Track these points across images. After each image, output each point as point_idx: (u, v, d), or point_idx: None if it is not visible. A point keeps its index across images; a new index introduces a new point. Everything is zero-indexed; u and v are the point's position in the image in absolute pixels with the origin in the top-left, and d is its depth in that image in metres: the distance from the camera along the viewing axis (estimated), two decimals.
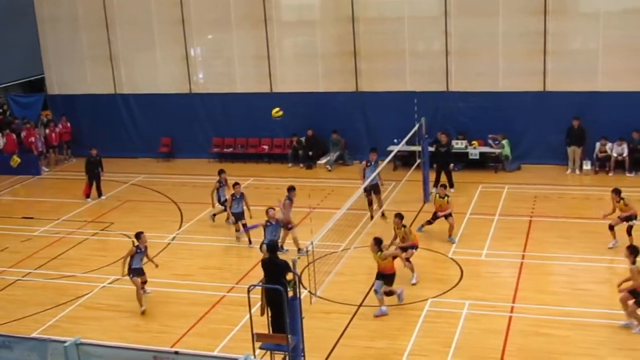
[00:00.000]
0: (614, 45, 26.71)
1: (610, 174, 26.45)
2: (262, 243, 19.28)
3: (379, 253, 16.97)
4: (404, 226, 18.85)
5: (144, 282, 18.13)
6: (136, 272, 17.77)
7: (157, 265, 18.41)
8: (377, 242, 16.98)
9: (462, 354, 15.09)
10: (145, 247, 18.04)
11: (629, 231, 19.46)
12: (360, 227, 20.06)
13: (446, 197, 21.12)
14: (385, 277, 17.04)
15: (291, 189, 21.09)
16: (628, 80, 26.54)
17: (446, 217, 21.01)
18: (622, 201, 19.72)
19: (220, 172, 23.53)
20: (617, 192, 19.87)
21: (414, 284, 18.18)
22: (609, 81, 26.79)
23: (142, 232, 18.11)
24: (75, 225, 23.88)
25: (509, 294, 17.58)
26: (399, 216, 18.87)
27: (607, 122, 26.58)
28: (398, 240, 18.92)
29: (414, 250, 18.75)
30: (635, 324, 15.52)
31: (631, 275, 15.51)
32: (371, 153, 22.78)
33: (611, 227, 19.79)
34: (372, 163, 22.39)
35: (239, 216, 21.50)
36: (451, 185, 24.91)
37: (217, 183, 23.21)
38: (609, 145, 26.63)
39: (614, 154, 26.48)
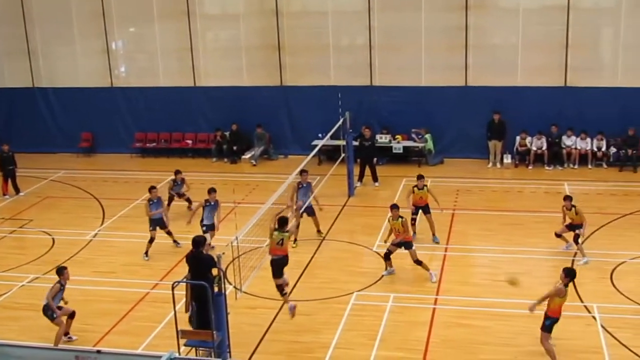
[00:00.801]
0: (533, 40, 27.33)
1: (530, 168, 27.06)
2: (202, 224, 19.64)
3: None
4: (401, 217, 18.09)
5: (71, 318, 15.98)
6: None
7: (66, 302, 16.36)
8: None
9: (387, 346, 15.22)
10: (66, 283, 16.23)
11: (575, 239, 18.99)
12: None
13: (425, 188, 20.33)
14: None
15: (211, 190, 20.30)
16: (547, 76, 27.20)
17: (425, 211, 20.28)
18: (573, 209, 19.00)
19: (177, 172, 23.17)
20: (569, 199, 19.25)
21: (434, 282, 18.01)
22: (529, 76, 27.40)
23: (65, 268, 15.99)
24: None
25: (432, 286, 17.80)
26: (396, 207, 18.30)
27: (526, 116, 27.21)
28: (393, 235, 18.29)
29: (414, 248, 18.20)
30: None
31: (550, 292, 14.36)
32: (302, 175, 20.74)
33: (558, 235, 19.38)
34: (304, 184, 20.85)
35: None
36: (375, 180, 25.14)
37: (171, 182, 22.74)
38: (528, 139, 27.23)
39: (534, 148, 27.09)
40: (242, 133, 29.51)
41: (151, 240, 20.05)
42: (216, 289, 13.36)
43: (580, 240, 18.91)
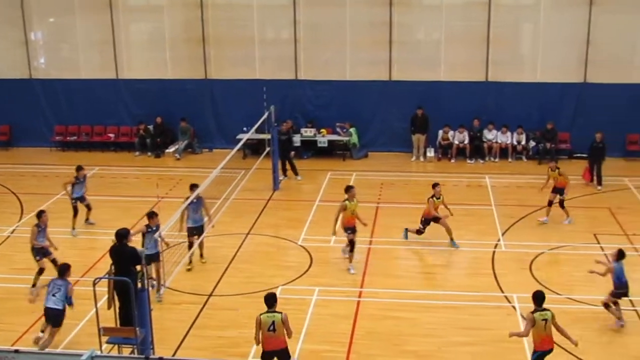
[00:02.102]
0: (455, 36, 27.79)
1: (453, 161, 27.50)
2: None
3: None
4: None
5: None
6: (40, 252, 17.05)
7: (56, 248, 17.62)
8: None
9: (312, 340, 15.26)
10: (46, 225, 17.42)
11: (561, 204, 20.95)
12: (211, 214, 19.90)
13: (442, 197, 19.69)
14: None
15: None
16: (469, 71, 27.71)
17: (436, 220, 19.57)
18: (557, 170, 20.92)
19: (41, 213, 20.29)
20: (555, 161, 21.52)
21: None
22: (451, 71, 27.88)
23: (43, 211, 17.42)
24: None
25: (357, 279, 17.92)
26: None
27: (449, 110, 27.67)
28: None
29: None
30: None
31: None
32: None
33: (550, 203, 21.00)
34: (195, 200, 17.67)
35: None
36: (295, 173, 25.20)
37: (74, 179, 21.95)
38: (451, 133, 27.65)
39: (456, 142, 27.54)
40: (166, 126, 29.19)
41: (40, 271, 17.48)
42: (139, 285, 13.18)
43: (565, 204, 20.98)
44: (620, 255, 15.60)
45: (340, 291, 17.41)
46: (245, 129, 26.52)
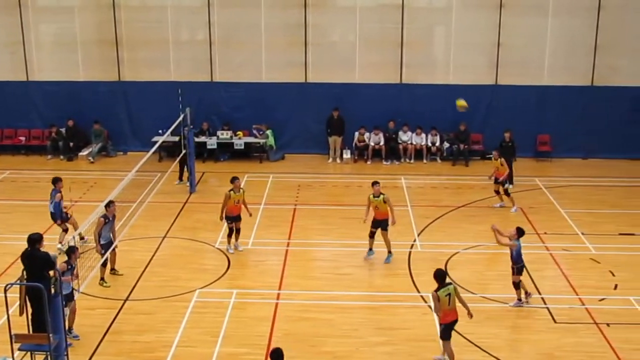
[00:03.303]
0: (370, 38, 28.10)
1: (369, 162, 27.78)
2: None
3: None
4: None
5: None
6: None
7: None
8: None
9: (231, 343, 15.21)
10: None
11: (506, 192, 22.58)
12: (124, 219, 19.62)
13: (382, 196, 18.68)
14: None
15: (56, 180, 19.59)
16: (383, 73, 28.06)
17: (383, 227, 18.82)
18: (500, 160, 22.40)
19: (57, 180, 20.29)
20: (498, 150, 23.05)
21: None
22: (366, 73, 28.17)
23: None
24: None
25: (275, 281, 17.94)
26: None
27: (364, 112, 27.94)
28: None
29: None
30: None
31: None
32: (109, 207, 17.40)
33: (497, 192, 22.70)
34: (110, 218, 17.48)
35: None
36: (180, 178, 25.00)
37: (59, 194, 20.81)
38: (366, 134, 27.92)
39: (372, 143, 27.82)
40: (79, 129, 28.64)
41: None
42: (53, 290, 12.91)
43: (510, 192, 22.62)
44: (520, 233, 16.55)
45: (258, 293, 17.40)
46: (160, 131, 26.25)
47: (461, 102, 22.01)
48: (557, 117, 27.83)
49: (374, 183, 18.96)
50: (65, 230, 19.62)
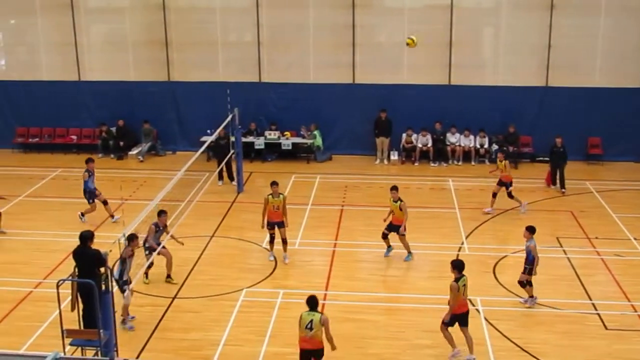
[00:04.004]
0: (418, 39, 27.79)
1: (416, 164, 27.65)
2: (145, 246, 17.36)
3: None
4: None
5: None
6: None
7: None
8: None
9: (277, 342, 15.26)
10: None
11: (510, 195, 22.23)
12: (173, 218, 19.79)
13: (399, 202, 18.82)
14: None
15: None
16: (431, 74, 27.87)
17: (397, 231, 18.97)
18: (505, 162, 22.12)
19: (88, 160, 22.08)
20: (503, 152, 23.09)
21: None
22: (414, 74, 28.01)
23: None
24: None
25: (321, 282, 17.95)
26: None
27: (412, 113, 27.78)
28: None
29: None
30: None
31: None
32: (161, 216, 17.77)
33: (494, 195, 22.27)
34: (161, 227, 17.78)
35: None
36: (231, 178, 25.01)
37: (86, 173, 21.86)
38: (414, 136, 27.79)
39: (419, 145, 27.67)
40: (129, 129, 29.00)
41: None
42: (103, 287, 13.08)
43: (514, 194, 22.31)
44: (532, 230, 16.50)
45: (304, 294, 17.16)
46: (209, 131, 26.43)
47: (410, 40, 21.53)
48: (608, 120, 27.37)
49: (393, 188, 19.06)
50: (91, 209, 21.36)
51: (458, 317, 14.48)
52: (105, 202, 21.52)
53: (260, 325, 15.93)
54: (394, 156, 28.11)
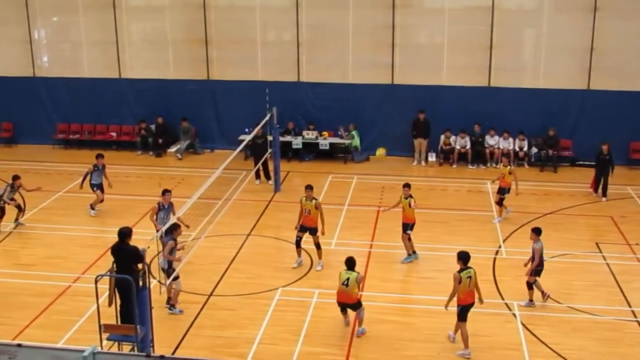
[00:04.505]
0: (458, 40, 27.77)
1: (454, 166, 27.48)
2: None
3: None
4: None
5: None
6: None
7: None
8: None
9: (311, 342, 15.26)
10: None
11: (500, 202, 21.66)
12: (210, 216, 19.88)
13: (410, 199, 18.96)
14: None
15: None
16: (471, 75, 27.67)
17: (404, 229, 19.13)
18: (509, 167, 21.61)
19: (98, 156, 22.57)
20: (508, 157, 22.87)
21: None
22: (453, 75, 27.83)
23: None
24: None
25: None
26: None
27: (450, 115, 27.62)
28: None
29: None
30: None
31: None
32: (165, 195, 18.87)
33: (498, 203, 21.78)
34: (166, 205, 18.78)
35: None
36: (267, 177, 25.05)
37: (92, 167, 22.23)
38: (452, 137, 27.62)
39: (457, 147, 27.49)
40: (168, 126, 29.20)
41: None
42: (140, 283, 13.18)
43: (504, 204, 21.71)
44: (538, 232, 16.65)
45: None
46: (247, 130, 26.51)
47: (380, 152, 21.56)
48: None
49: (405, 185, 19.16)
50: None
51: (467, 308, 14.77)
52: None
53: (295, 324, 15.94)
54: (432, 158, 27.96)
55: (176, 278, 16.02)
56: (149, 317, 13.32)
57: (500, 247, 19.97)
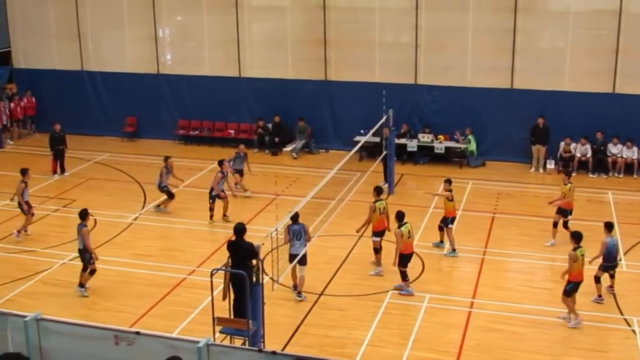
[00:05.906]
0: (582, 45, 26.96)
1: (574, 174, 26.57)
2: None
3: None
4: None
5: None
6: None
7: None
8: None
9: (420, 347, 15.17)
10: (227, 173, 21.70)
11: (565, 225, 20.19)
12: (324, 215, 20.01)
13: (450, 193, 19.68)
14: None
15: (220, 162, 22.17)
16: (594, 81, 26.82)
17: (445, 224, 19.76)
18: (569, 185, 20.29)
19: (166, 158, 23.15)
20: (567, 173, 21.01)
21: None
22: (576, 81, 27.05)
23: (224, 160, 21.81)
24: (37, 201, 23.34)
25: (468, 289, 17.70)
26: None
27: (571, 121, 26.83)
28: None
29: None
30: (572, 317, 16.01)
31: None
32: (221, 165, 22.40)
33: (555, 224, 20.28)
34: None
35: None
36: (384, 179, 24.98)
37: (164, 168, 22.89)
38: (573, 145, 26.85)
39: (578, 154, 26.71)
40: (284, 125, 29.58)
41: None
42: (254, 279, 13.42)
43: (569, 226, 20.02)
44: (609, 227, 16.87)
45: (450, 300, 17.24)
46: (362, 131, 26.55)
47: None
48: None
49: (447, 181, 19.79)
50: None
51: (578, 285, 15.79)
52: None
53: (405, 328, 15.89)
54: (550, 165, 27.28)
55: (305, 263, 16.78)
56: (260, 312, 13.55)
57: (620, 260, 19.25)
